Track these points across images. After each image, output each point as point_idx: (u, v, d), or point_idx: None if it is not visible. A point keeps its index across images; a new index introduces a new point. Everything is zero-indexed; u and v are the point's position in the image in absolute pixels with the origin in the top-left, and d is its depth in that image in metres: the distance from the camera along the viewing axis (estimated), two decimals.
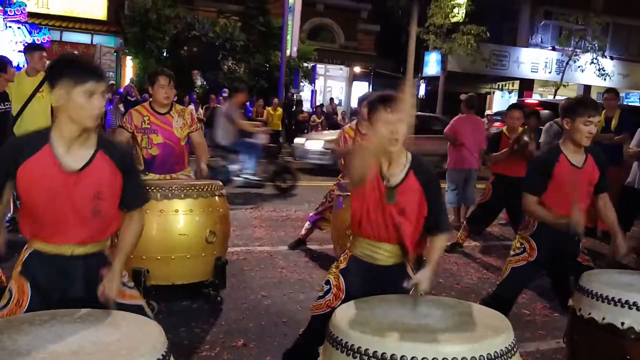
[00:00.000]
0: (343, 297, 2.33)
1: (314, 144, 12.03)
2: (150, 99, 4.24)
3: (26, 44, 6.19)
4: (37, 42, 13.32)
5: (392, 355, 1.64)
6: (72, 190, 1.95)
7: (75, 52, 5.42)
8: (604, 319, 2.48)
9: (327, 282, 2.43)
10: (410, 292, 2.20)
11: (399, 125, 2.21)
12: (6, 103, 5.10)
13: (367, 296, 2.12)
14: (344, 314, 1.91)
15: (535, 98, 19.27)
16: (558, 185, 3.01)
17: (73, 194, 1.95)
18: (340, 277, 2.39)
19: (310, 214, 5.48)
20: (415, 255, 2.46)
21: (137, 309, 2.06)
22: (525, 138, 5.21)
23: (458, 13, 18.44)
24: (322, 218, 5.30)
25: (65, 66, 1.95)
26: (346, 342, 1.74)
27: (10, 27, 14.56)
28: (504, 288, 3.28)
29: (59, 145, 1.95)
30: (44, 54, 5.55)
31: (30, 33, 14.90)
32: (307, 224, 5.51)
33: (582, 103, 3.06)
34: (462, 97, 6.92)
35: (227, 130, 7.91)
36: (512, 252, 3.26)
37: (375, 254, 2.36)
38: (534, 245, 3.14)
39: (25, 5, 14.91)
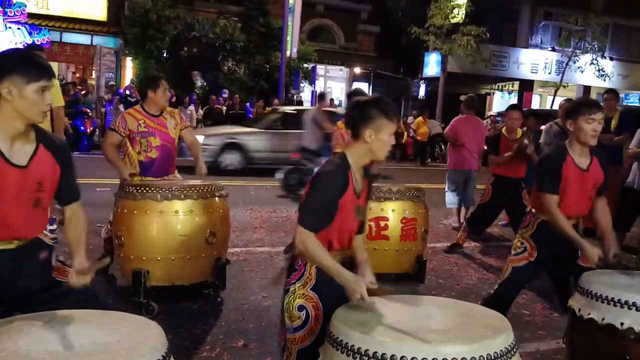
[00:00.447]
0: (322, 317, 2.13)
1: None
2: (142, 102, 4.27)
3: (25, 45, 6.18)
4: (37, 42, 13.32)
5: (392, 355, 1.64)
6: (19, 184, 1.97)
7: (21, 48, 5.23)
8: (603, 319, 2.48)
9: (301, 308, 2.15)
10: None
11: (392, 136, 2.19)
12: None
13: (342, 303, 2.00)
14: (344, 314, 1.91)
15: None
16: (563, 187, 3.00)
17: (20, 188, 1.98)
18: (314, 296, 2.17)
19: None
20: None
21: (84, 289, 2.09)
22: (525, 141, 5.23)
23: (458, 14, 18.45)
24: None
25: (17, 62, 1.94)
26: (346, 343, 1.74)
27: (10, 27, 14.55)
28: (505, 287, 3.30)
29: (2, 141, 1.95)
30: (43, 55, 5.51)
31: (30, 34, 14.89)
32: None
33: (583, 102, 3.09)
34: (462, 97, 6.92)
35: (315, 134, 8.28)
36: (513, 252, 3.26)
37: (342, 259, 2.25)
38: (534, 244, 3.15)
39: (25, 6, 14.91)
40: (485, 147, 6.61)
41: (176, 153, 4.35)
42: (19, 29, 14.73)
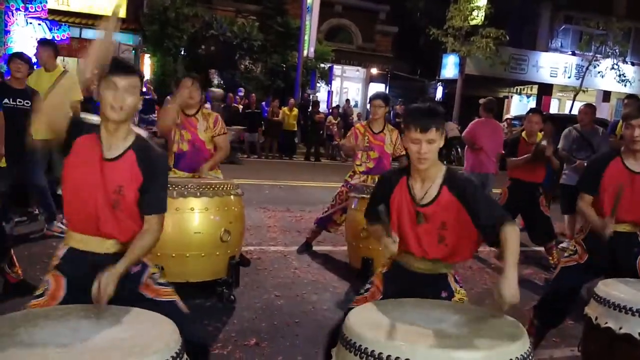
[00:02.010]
0: (380, 298, 2.34)
1: None
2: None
3: (38, 40, 6.23)
4: (56, 38, 13.48)
5: (406, 359, 1.63)
6: (102, 177, 2.04)
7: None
8: (621, 328, 2.45)
9: (370, 282, 2.47)
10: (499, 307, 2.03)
11: (424, 144, 2.19)
12: (21, 100, 4.96)
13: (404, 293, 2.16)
14: (358, 316, 1.90)
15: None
16: (606, 188, 3.03)
17: (103, 180, 2.04)
18: (383, 278, 2.42)
19: (319, 216, 5.46)
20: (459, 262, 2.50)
21: (171, 305, 2.13)
22: (543, 143, 5.16)
23: (477, 16, 18.30)
24: (331, 221, 5.28)
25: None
26: (360, 345, 1.73)
27: (30, 23, 14.75)
28: (553, 285, 3.32)
29: (103, 135, 2.09)
30: (51, 52, 5.48)
31: (50, 30, 15.07)
32: (313, 227, 5.49)
33: (629, 109, 3.13)
34: (481, 101, 6.86)
35: None
36: (565, 254, 3.31)
37: (414, 265, 2.37)
38: (585, 248, 3.16)
39: (46, 2, 15.09)
40: (503, 151, 6.55)
41: (208, 154, 4.33)
42: (39, 24, 14.92)
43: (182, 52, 17.45)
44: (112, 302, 1.92)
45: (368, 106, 5.67)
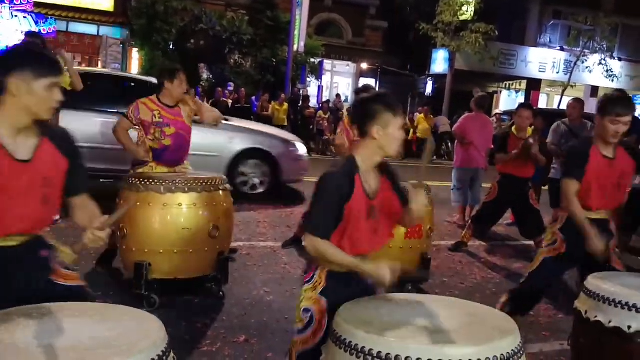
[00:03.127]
0: (326, 323, 2.07)
1: None
2: (158, 92, 4.27)
3: (25, 33, 6.11)
4: (42, 31, 13.31)
5: (397, 356, 1.61)
6: (25, 180, 1.92)
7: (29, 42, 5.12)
8: (610, 322, 2.45)
9: (307, 311, 2.12)
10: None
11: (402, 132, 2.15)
12: None
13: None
14: (349, 312, 1.88)
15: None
16: (589, 176, 3.02)
17: (27, 184, 1.92)
18: (322, 299, 2.11)
19: (305, 211, 5.43)
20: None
21: (82, 291, 2.06)
22: (530, 140, 5.17)
23: (467, 11, 18.33)
24: None
25: (26, 58, 1.91)
26: (350, 342, 1.71)
27: (16, 16, 14.57)
28: (533, 278, 3.30)
29: (5, 135, 1.91)
30: (39, 44, 5.43)
31: (36, 23, 14.90)
32: (301, 221, 5.48)
33: (611, 100, 3.04)
34: (476, 91, 6.86)
35: None
36: (544, 244, 3.29)
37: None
38: (563, 238, 3.16)
39: None
40: (492, 145, 6.56)
41: (190, 142, 4.39)
42: (25, 17, 14.74)
43: (171, 47, 17.30)
44: (26, 299, 1.85)
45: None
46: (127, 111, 4.28)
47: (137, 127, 4.27)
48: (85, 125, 6.35)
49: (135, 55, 18.60)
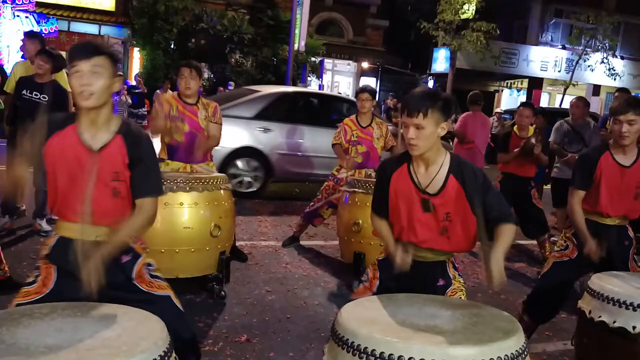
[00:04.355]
0: (376, 288, 2.34)
1: None
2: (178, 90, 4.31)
3: (24, 33, 6.13)
4: (44, 31, 13.30)
5: (400, 356, 1.59)
6: (93, 168, 2.00)
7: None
8: (614, 322, 2.44)
9: (366, 273, 2.46)
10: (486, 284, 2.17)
11: (412, 129, 2.13)
12: (37, 94, 4.99)
13: (401, 291, 2.14)
14: (351, 312, 1.86)
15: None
16: (598, 183, 3.01)
17: (95, 172, 2.00)
18: (378, 266, 2.39)
19: (305, 210, 5.43)
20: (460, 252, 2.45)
21: (167, 301, 2.11)
22: (532, 141, 5.14)
23: (468, 10, 18.30)
24: (317, 215, 5.24)
25: (71, 50, 2.05)
26: (352, 342, 1.70)
27: (18, 16, 14.56)
28: (544, 280, 3.28)
29: (82, 125, 2.04)
30: (38, 45, 5.39)
31: (38, 22, 14.89)
32: (300, 220, 5.46)
33: (616, 102, 3.06)
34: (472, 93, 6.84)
35: None
36: (555, 249, 3.29)
37: (416, 254, 2.28)
38: (575, 243, 3.14)
39: None
40: (492, 144, 6.53)
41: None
42: (26, 17, 14.73)
43: (172, 46, 17.30)
44: (108, 293, 1.90)
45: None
46: (155, 105, 4.38)
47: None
48: (299, 138, 7.61)
49: (136, 55, 18.61)
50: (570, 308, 3.46)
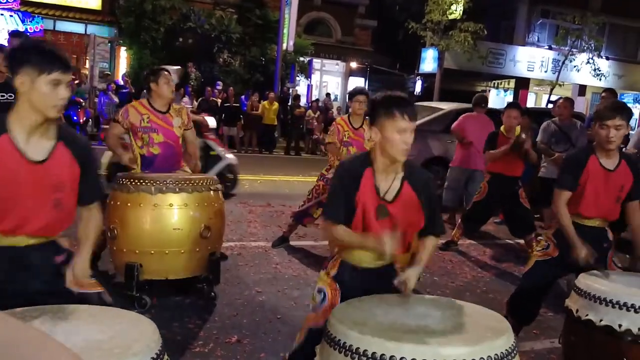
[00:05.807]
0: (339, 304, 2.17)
1: None
2: (148, 96, 4.12)
3: (10, 32, 6.05)
4: (29, 30, 13.16)
5: (392, 356, 1.61)
6: (34, 180, 1.90)
7: (42, 39, 5.20)
8: (601, 320, 2.48)
9: (320, 290, 2.25)
10: (400, 290, 2.14)
11: (410, 134, 2.09)
12: (4, 94, 4.92)
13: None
14: (342, 313, 1.88)
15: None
16: (584, 185, 3.03)
17: (35, 184, 1.91)
18: (334, 282, 2.23)
19: (295, 210, 5.43)
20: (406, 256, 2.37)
21: (99, 298, 2.06)
22: (523, 136, 5.20)
23: (455, 10, 18.38)
24: (307, 215, 5.25)
25: (31, 52, 1.89)
26: (344, 343, 1.71)
27: (2, 14, 14.39)
28: (526, 279, 3.31)
29: (18, 134, 1.90)
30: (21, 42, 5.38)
31: (22, 21, 14.74)
32: (290, 221, 5.46)
33: (602, 107, 3.08)
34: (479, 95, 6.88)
35: None
36: (537, 248, 3.30)
37: (368, 261, 2.25)
38: (556, 243, 3.17)
39: None
40: None
41: (181, 149, 4.23)
42: (11, 16, 14.57)
43: (159, 45, 17.18)
44: (42, 295, 1.89)
45: (348, 101, 5.64)
46: (117, 116, 4.18)
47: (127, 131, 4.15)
48: None
49: (123, 54, 18.45)
50: (558, 307, 3.50)
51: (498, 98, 24.12)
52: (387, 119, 2.09)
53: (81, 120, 13.09)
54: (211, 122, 8.64)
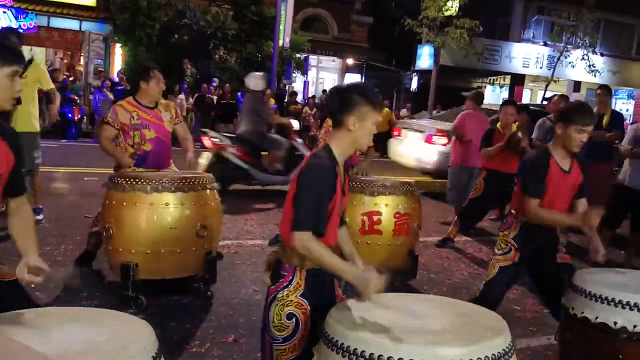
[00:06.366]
0: (311, 325, 2.01)
1: None
2: (134, 93, 4.14)
3: (2, 29, 5.99)
4: (23, 27, 13.08)
5: (389, 357, 1.61)
6: None
7: None
8: (597, 318, 2.49)
9: (290, 316, 2.00)
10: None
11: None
12: None
13: (328, 308, 1.92)
14: (340, 313, 1.87)
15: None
16: (547, 189, 3.02)
17: None
18: (304, 301, 2.02)
19: None
20: None
21: (13, 285, 2.01)
22: (519, 134, 5.21)
23: (451, 6, 18.35)
24: None
25: None
26: (342, 344, 1.71)
27: None
28: (491, 287, 3.26)
29: None
30: (16, 39, 5.34)
31: (16, 18, 14.64)
32: None
33: (578, 110, 3.04)
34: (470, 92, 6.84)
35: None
36: (498, 251, 3.24)
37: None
38: (517, 246, 3.15)
39: None
40: None
41: (171, 145, 4.27)
42: (4, 12, 14.48)
43: (155, 42, 17.10)
44: None
45: None
46: (105, 118, 4.17)
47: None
48: None
49: (118, 51, 18.36)
50: (548, 307, 3.51)
51: (493, 94, 24.15)
52: (371, 109, 2.05)
53: (76, 118, 13.03)
54: (295, 124, 9.09)
